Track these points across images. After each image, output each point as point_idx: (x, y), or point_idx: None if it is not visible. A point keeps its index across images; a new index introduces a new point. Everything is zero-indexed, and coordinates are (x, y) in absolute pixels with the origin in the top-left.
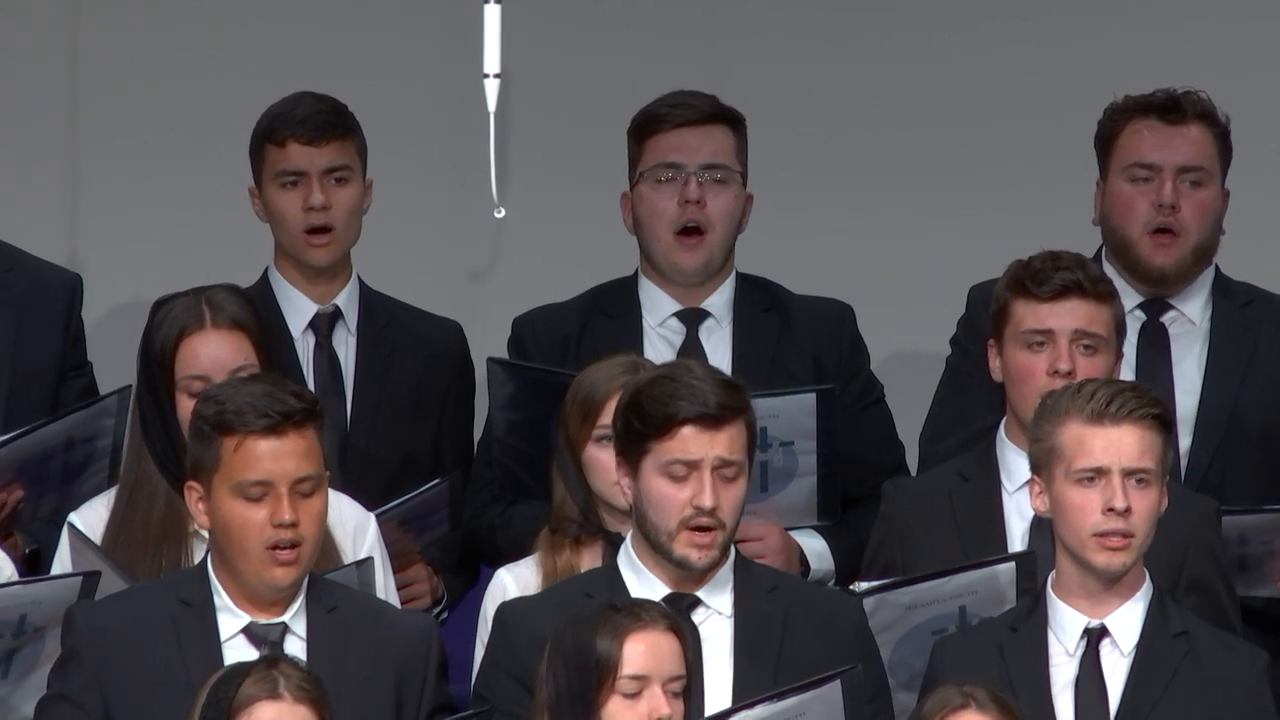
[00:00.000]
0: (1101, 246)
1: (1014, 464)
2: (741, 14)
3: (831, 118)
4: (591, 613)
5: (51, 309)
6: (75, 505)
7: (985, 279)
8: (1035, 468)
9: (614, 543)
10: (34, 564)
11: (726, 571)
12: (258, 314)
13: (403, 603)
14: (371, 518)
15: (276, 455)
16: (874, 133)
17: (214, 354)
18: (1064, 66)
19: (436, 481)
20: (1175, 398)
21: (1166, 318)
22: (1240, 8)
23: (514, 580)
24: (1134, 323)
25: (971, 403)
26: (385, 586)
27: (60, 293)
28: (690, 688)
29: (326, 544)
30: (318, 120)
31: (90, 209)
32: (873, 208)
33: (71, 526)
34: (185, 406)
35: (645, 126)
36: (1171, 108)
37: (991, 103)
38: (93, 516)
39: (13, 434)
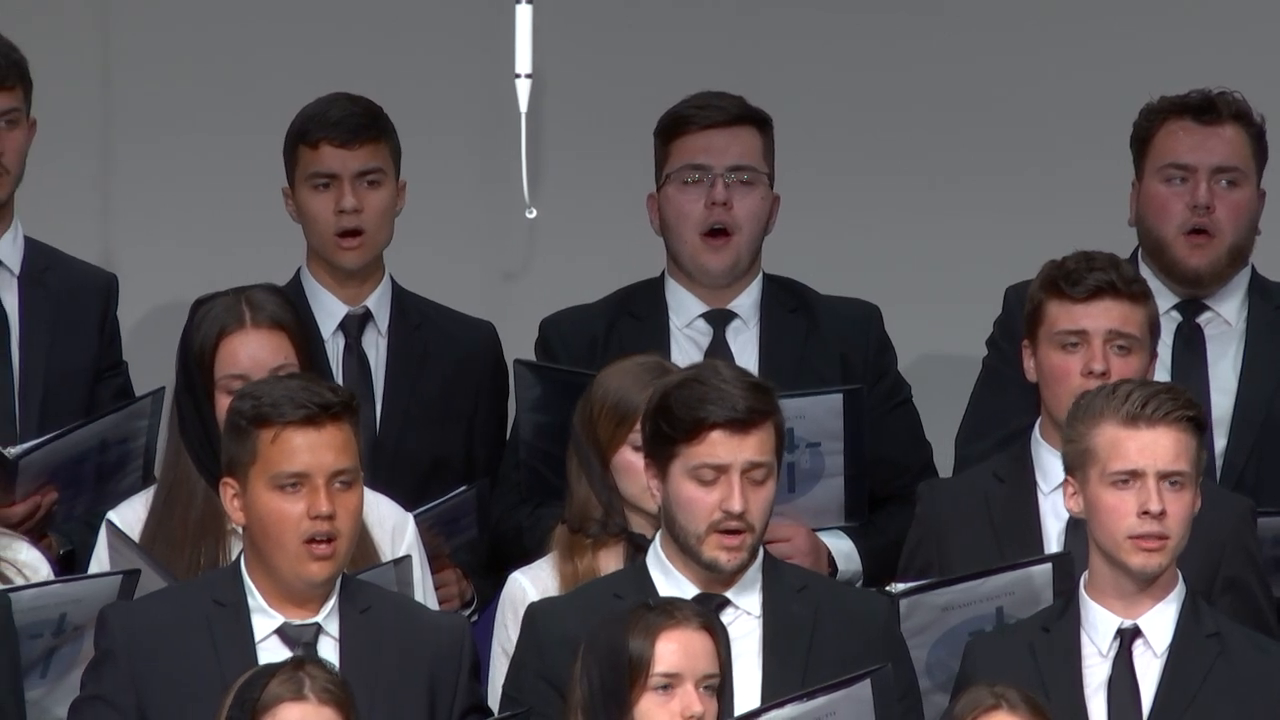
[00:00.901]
0: (1137, 247)
1: (1049, 465)
2: (772, 14)
3: (860, 118)
4: (625, 612)
5: (87, 309)
6: (110, 505)
7: (1017, 280)
8: (1069, 469)
9: (638, 544)
10: (69, 564)
11: (755, 572)
12: (297, 314)
13: None
14: (410, 518)
15: (313, 447)
16: (904, 134)
17: (254, 353)
18: (1100, 67)
19: (463, 489)
20: (1210, 398)
21: (1202, 319)
22: (1277, 8)
23: (531, 582)
24: (1170, 323)
25: (1008, 403)
26: (423, 586)
27: (96, 292)
28: (724, 687)
29: (365, 543)
30: (350, 123)
31: (123, 209)
32: (903, 208)
33: (110, 524)
34: (224, 406)
35: (672, 128)
36: (1207, 108)
37: (1024, 103)
38: (131, 515)
39: (47, 437)
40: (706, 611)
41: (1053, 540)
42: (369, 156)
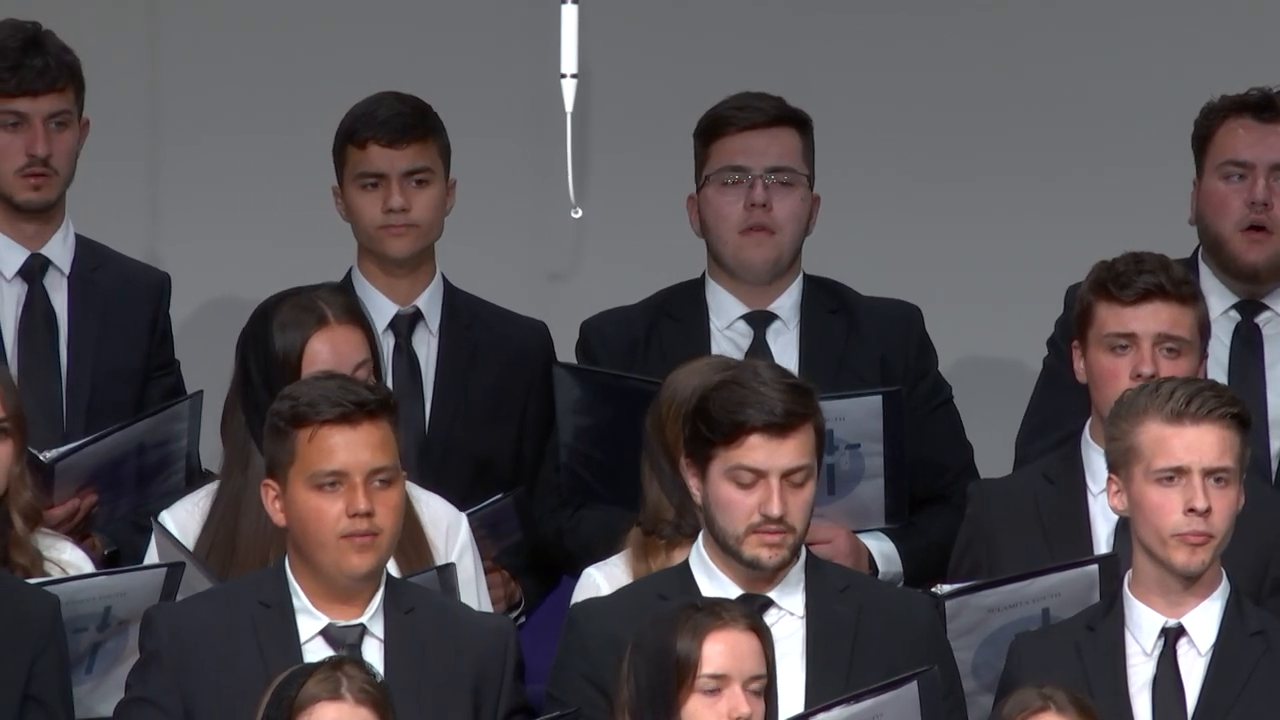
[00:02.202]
0: (1199, 247)
1: (1099, 466)
2: (818, 15)
3: (904, 119)
4: (672, 612)
5: (138, 308)
6: (153, 506)
7: (1071, 281)
8: (1113, 467)
9: None
10: (113, 565)
11: (798, 572)
12: (366, 311)
13: None
14: (463, 518)
15: (351, 446)
16: (948, 134)
17: (339, 350)
18: (1150, 67)
19: (500, 496)
20: (1267, 398)
21: (1261, 318)
22: None
23: (605, 579)
24: (1229, 323)
25: (1067, 404)
26: (478, 586)
27: (147, 291)
28: (770, 688)
29: (419, 544)
30: (398, 122)
31: (170, 208)
32: (946, 210)
33: (159, 525)
34: None
35: (711, 129)
36: (1266, 106)
37: (1071, 104)
38: (183, 515)
39: (83, 441)
40: (753, 612)
41: (1102, 541)
42: (416, 156)
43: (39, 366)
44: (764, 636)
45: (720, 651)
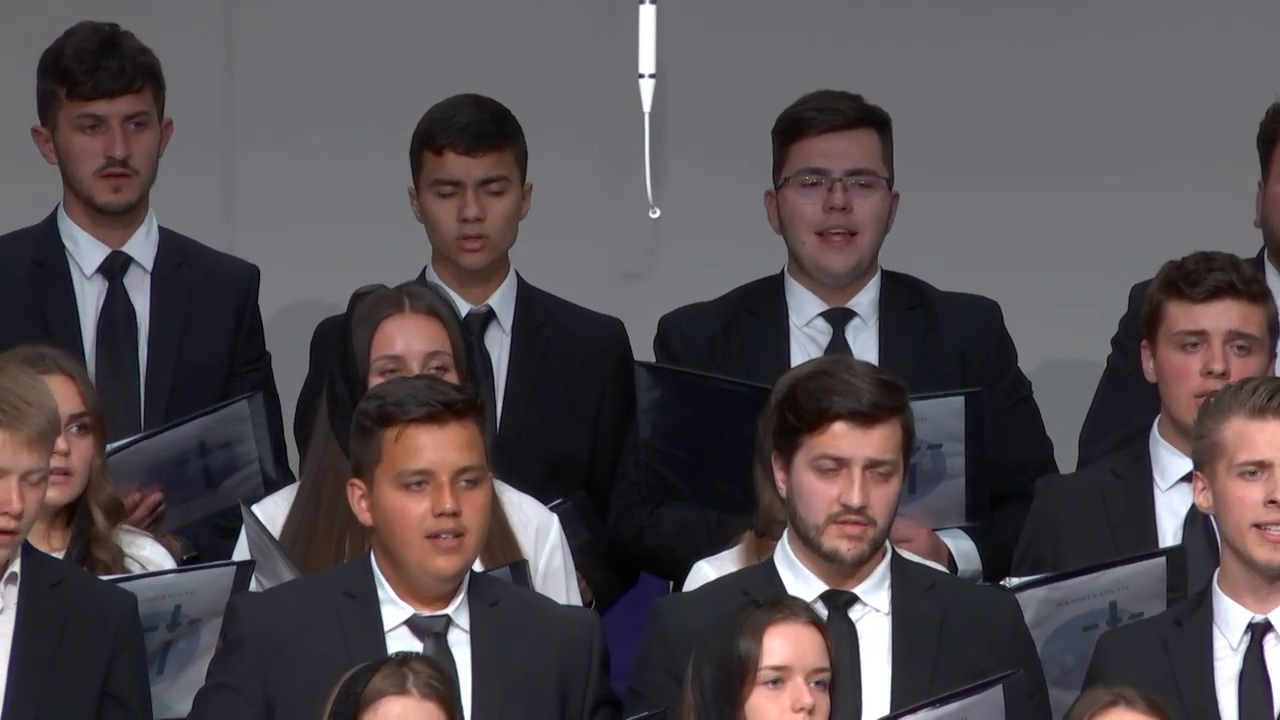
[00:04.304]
0: (1263, 248)
1: (1167, 462)
2: (894, 14)
3: (982, 117)
4: (733, 612)
5: (223, 302)
6: (229, 509)
7: (1140, 280)
8: (1198, 464)
9: None
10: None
11: (884, 569)
12: (455, 312)
13: None
14: (554, 518)
15: (438, 445)
16: (1026, 133)
17: (409, 338)
18: (1224, 69)
19: (559, 501)
20: None
21: None
22: None
23: (715, 572)
24: None
25: (1132, 402)
26: (567, 584)
27: (234, 286)
28: (835, 683)
29: (508, 544)
30: (475, 130)
31: (247, 207)
32: (1024, 208)
33: (249, 511)
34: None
35: (790, 130)
36: None
37: (1148, 104)
38: (271, 509)
39: (134, 438)
40: (813, 608)
41: (1168, 537)
42: (493, 165)
43: (118, 365)
44: (826, 631)
45: (781, 644)
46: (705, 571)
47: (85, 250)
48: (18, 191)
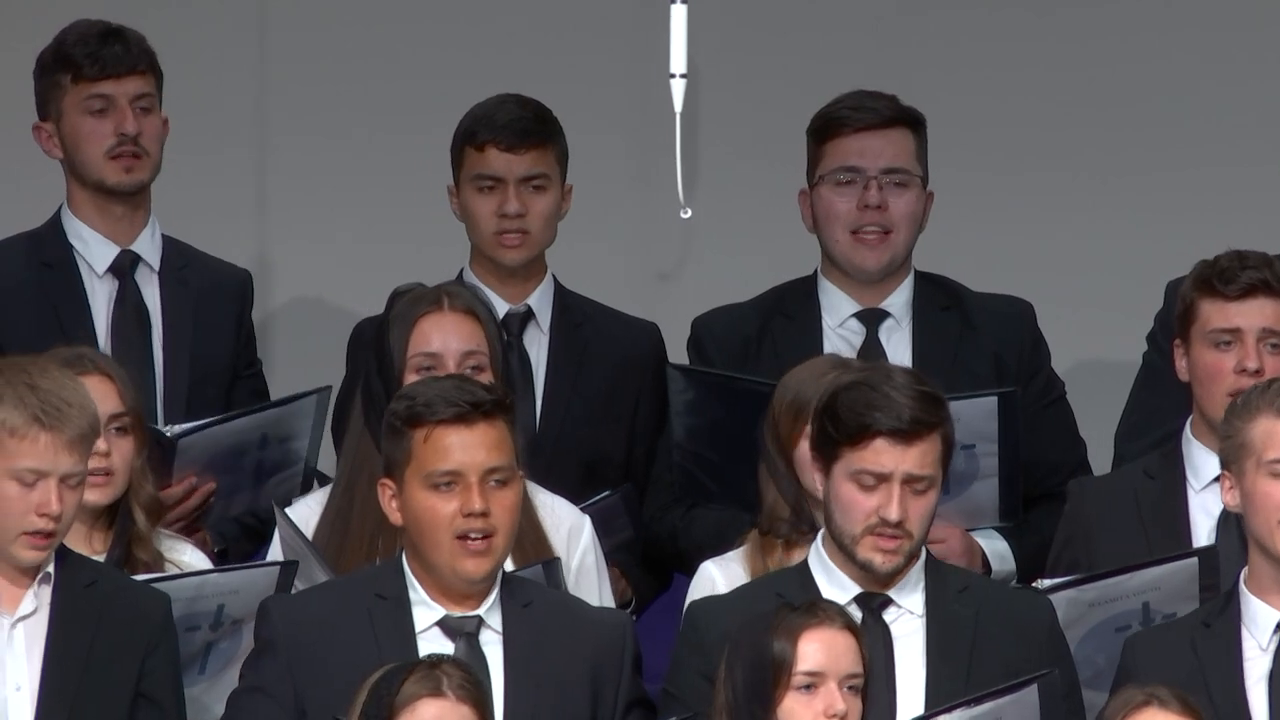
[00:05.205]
0: None
1: (1200, 462)
2: (927, 13)
3: (1016, 117)
4: (767, 614)
5: (226, 306)
6: (265, 507)
7: (1175, 277)
8: (1225, 463)
9: None
10: (221, 565)
11: (918, 572)
12: (492, 312)
13: None
14: (586, 519)
15: (466, 446)
16: (1060, 133)
17: (445, 336)
18: (1259, 68)
19: (608, 493)
20: None
21: None
22: None
23: (721, 573)
24: None
25: (1167, 401)
26: (600, 585)
27: (233, 290)
28: (868, 688)
29: (540, 544)
30: (518, 127)
31: (278, 206)
32: (1058, 208)
33: (282, 512)
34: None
35: (825, 129)
36: None
37: (1182, 103)
38: (304, 511)
39: (209, 419)
40: (847, 612)
41: (1202, 537)
42: (534, 162)
43: (132, 361)
44: (861, 637)
45: (815, 649)
46: (710, 572)
47: (95, 249)
48: (18, 191)
